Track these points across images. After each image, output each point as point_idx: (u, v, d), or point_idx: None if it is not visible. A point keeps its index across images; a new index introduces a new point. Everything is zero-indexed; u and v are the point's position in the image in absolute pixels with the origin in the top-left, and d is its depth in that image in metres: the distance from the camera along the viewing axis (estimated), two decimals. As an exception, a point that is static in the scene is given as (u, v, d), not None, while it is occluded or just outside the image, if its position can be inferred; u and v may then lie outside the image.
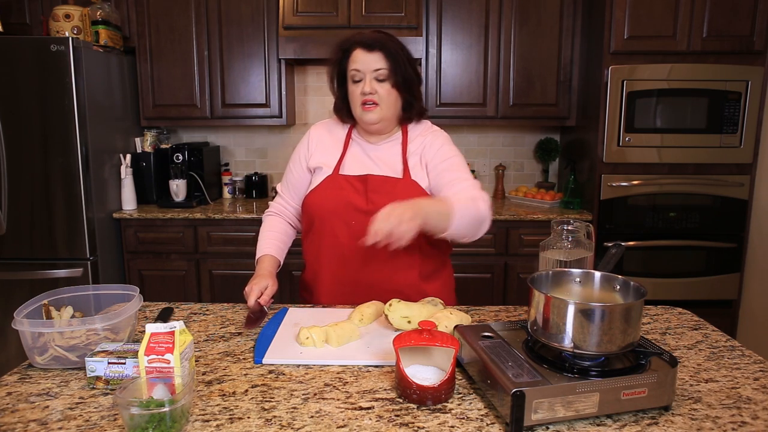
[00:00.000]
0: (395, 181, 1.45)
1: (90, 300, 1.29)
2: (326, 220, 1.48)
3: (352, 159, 1.52)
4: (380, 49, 1.42)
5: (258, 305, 1.39)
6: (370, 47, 1.42)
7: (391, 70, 1.42)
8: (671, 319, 1.39)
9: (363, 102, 1.43)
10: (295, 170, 1.60)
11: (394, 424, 0.91)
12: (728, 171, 2.83)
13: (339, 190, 1.47)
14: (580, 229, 1.32)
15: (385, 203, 1.40)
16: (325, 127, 1.60)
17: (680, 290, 2.89)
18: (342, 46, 1.47)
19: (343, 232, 1.46)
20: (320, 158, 1.54)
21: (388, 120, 1.48)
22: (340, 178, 1.48)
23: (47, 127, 2.61)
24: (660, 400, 0.93)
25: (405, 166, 1.47)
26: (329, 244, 1.49)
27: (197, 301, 3.01)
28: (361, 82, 1.43)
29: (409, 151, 1.50)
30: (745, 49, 2.72)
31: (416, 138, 1.51)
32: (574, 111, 3.10)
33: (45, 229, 2.69)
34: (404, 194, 1.42)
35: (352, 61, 1.44)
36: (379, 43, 1.42)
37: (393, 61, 1.42)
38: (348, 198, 1.45)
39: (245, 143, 3.55)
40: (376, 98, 1.43)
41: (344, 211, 1.46)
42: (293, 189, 1.62)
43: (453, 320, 1.23)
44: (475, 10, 3.01)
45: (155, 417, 0.84)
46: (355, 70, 1.43)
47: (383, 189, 1.44)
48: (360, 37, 1.44)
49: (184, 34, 3.07)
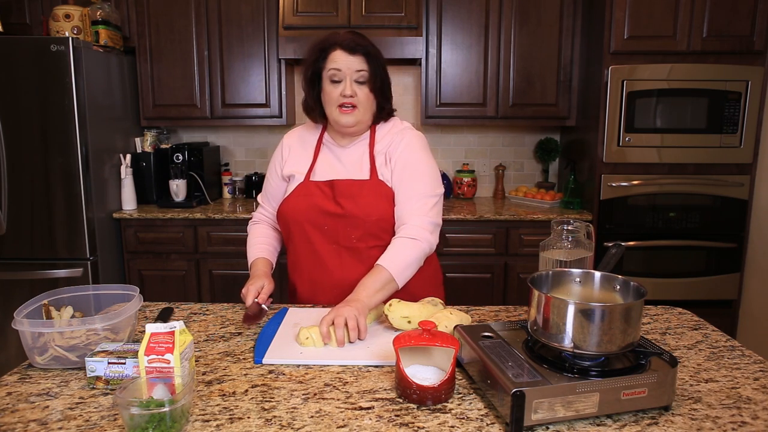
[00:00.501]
0: (362, 183, 1.46)
1: (90, 300, 1.29)
2: (300, 226, 1.49)
3: (322, 164, 1.52)
4: (362, 52, 1.42)
5: (257, 305, 1.39)
6: (352, 50, 1.41)
7: (372, 74, 1.43)
8: (671, 319, 1.39)
9: (341, 104, 1.43)
10: (272, 180, 1.61)
11: (394, 424, 0.91)
12: (728, 171, 2.83)
13: (310, 196, 1.48)
14: (580, 229, 1.32)
15: (352, 206, 1.44)
16: (297, 134, 1.61)
17: (680, 290, 2.89)
18: (320, 45, 1.45)
19: (317, 237, 1.48)
20: (293, 166, 1.55)
21: (364, 123, 1.48)
22: (311, 184, 1.49)
23: (47, 127, 2.61)
24: (660, 400, 0.93)
25: (372, 166, 1.48)
26: (305, 250, 1.50)
27: (197, 301, 3.01)
28: (341, 83, 1.42)
29: (376, 151, 1.50)
30: (745, 49, 2.72)
31: (383, 137, 1.52)
32: (574, 111, 3.10)
33: (45, 229, 2.69)
34: (371, 196, 1.45)
35: (331, 60, 1.42)
36: (361, 46, 1.42)
37: (374, 65, 1.43)
38: (318, 204, 1.46)
39: (245, 143, 3.55)
40: (354, 101, 1.43)
41: (315, 217, 1.47)
42: (272, 198, 1.63)
43: (453, 320, 1.23)
44: (475, 10, 3.01)
45: (155, 417, 0.84)
46: (336, 70, 1.42)
47: (350, 192, 1.45)
48: (340, 39, 1.43)
49: (184, 34, 3.07)
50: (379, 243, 1.46)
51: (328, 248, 1.48)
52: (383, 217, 1.45)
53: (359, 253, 1.47)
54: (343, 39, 1.43)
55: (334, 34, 1.45)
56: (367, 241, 1.46)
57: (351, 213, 1.44)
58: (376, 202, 1.44)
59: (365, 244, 1.46)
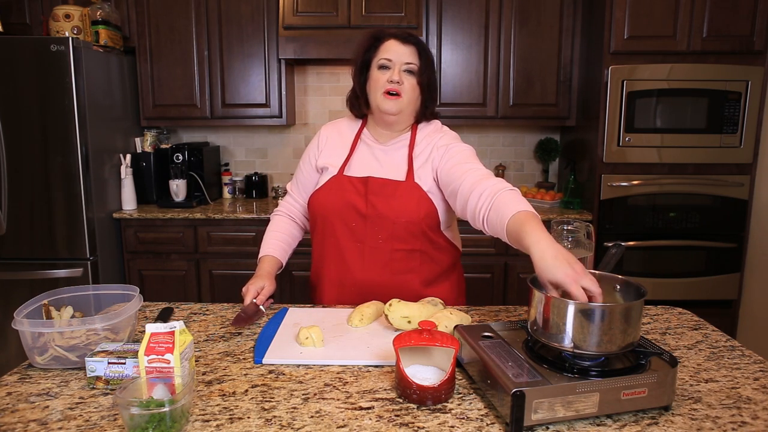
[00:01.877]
0: (396, 184, 1.44)
1: (90, 300, 1.29)
2: (328, 220, 1.48)
3: (358, 160, 1.51)
4: (415, 44, 1.43)
5: (254, 305, 1.39)
6: (406, 40, 1.43)
7: (421, 68, 1.43)
8: (671, 319, 1.39)
9: (387, 90, 1.42)
10: (304, 169, 1.60)
11: (394, 424, 0.91)
12: (728, 171, 2.83)
13: (341, 191, 1.46)
14: (580, 229, 1.32)
15: (383, 206, 1.41)
16: (336, 127, 1.60)
17: (680, 290, 2.89)
18: (374, 34, 1.47)
19: (344, 233, 1.46)
20: (328, 158, 1.53)
21: (406, 114, 1.47)
22: (344, 179, 1.47)
23: (47, 127, 2.61)
24: (660, 400, 0.93)
25: (410, 168, 1.46)
26: (331, 245, 1.49)
27: (197, 301, 3.01)
28: (389, 70, 1.43)
29: (415, 153, 1.48)
30: (745, 49, 2.72)
31: (423, 139, 1.50)
32: (574, 111, 3.10)
33: (45, 229, 2.69)
34: (404, 197, 1.42)
35: (383, 50, 1.44)
36: (415, 38, 1.45)
37: (424, 60, 1.44)
38: (349, 199, 1.45)
39: (245, 143, 3.55)
40: (400, 89, 1.42)
41: (345, 213, 1.45)
42: (302, 187, 1.62)
43: (453, 320, 1.23)
44: (475, 10, 3.01)
45: (155, 417, 0.84)
46: (386, 59, 1.42)
47: (383, 192, 1.43)
48: (395, 30, 1.46)
49: (184, 34, 3.07)
50: (404, 246, 1.44)
51: (353, 246, 1.46)
52: (412, 221, 1.42)
53: (382, 254, 1.45)
54: (396, 31, 1.46)
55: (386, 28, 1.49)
56: (393, 243, 1.44)
57: (381, 213, 1.42)
58: (408, 204, 1.42)
59: (390, 246, 1.44)
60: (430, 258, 1.49)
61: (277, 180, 3.56)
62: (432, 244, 1.48)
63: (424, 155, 1.47)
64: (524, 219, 1.11)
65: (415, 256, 1.46)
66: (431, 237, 1.47)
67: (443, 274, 1.53)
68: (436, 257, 1.50)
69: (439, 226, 1.48)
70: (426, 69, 1.44)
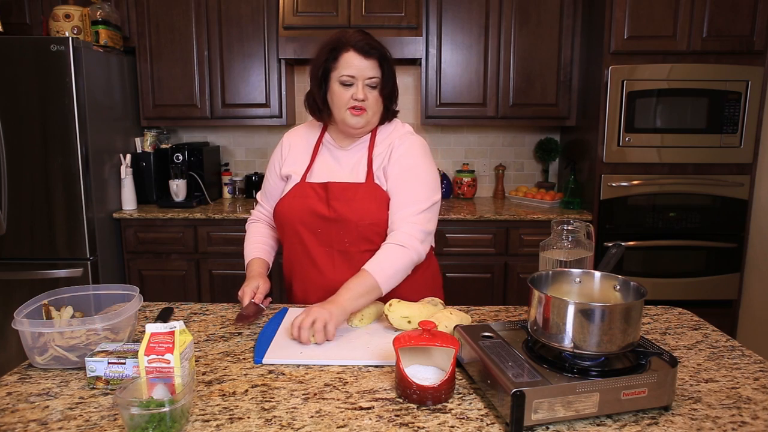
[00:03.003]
0: (356, 187, 1.45)
1: (90, 300, 1.29)
2: (294, 227, 1.49)
3: (320, 165, 1.52)
4: (376, 56, 1.40)
5: (254, 305, 1.39)
6: (367, 53, 1.39)
7: (383, 80, 1.42)
8: (671, 319, 1.39)
9: (352, 107, 1.42)
10: (270, 178, 1.60)
11: (394, 424, 0.91)
12: (728, 171, 2.83)
13: (304, 198, 1.47)
14: (580, 229, 1.32)
15: (345, 210, 1.42)
16: (297, 133, 1.60)
17: (680, 290, 2.89)
18: (331, 45, 1.42)
19: (311, 239, 1.47)
20: (291, 166, 1.54)
21: (372, 124, 1.48)
22: (306, 185, 1.48)
23: (47, 127, 2.61)
24: (660, 400, 0.93)
25: (369, 170, 1.47)
26: (299, 251, 1.50)
27: (197, 301, 3.01)
28: (352, 86, 1.41)
29: (375, 153, 1.49)
30: (745, 49, 2.72)
31: (383, 140, 1.51)
32: (574, 111, 3.10)
33: (45, 229, 2.69)
34: (364, 200, 1.43)
35: (344, 64, 1.40)
36: (376, 50, 1.40)
37: (386, 69, 1.42)
38: (311, 206, 1.46)
39: (245, 143, 3.55)
40: (365, 104, 1.42)
41: (309, 219, 1.46)
42: (269, 197, 1.62)
43: (453, 320, 1.23)
44: (475, 10, 3.01)
45: (155, 417, 0.84)
46: (348, 76, 1.40)
47: (344, 196, 1.44)
48: (353, 40, 1.39)
49: (184, 34, 3.07)
50: (371, 247, 1.45)
51: (321, 250, 1.47)
52: (376, 222, 1.43)
53: (351, 256, 1.46)
54: (356, 40, 1.39)
55: (344, 34, 1.42)
56: (360, 245, 1.45)
57: (344, 217, 1.43)
58: (369, 206, 1.43)
59: (357, 248, 1.45)
60: None
61: (277, 180, 3.55)
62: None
63: (382, 156, 1.48)
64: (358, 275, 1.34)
65: None
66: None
67: (417, 270, 1.50)
68: None
69: None
70: (388, 79, 1.42)
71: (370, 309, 1.34)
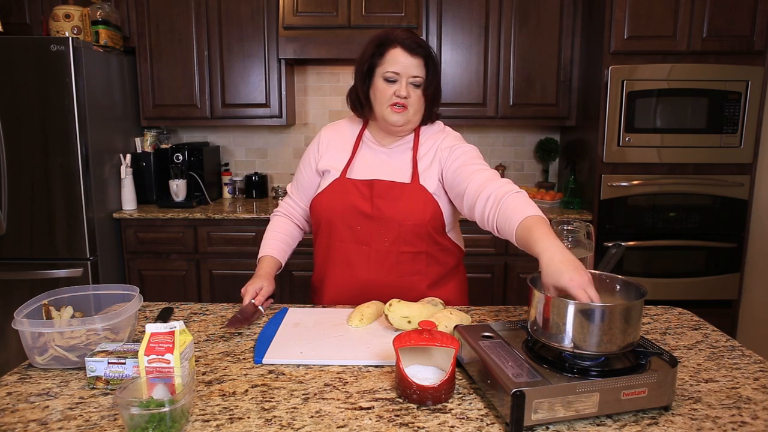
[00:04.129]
0: (402, 187, 1.43)
1: (90, 300, 1.29)
2: (332, 223, 1.47)
3: (361, 162, 1.50)
4: (423, 55, 1.38)
5: (252, 306, 1.39)
6: (413, 50, 1.37)
7: (428, 80, 1.40)
8: (671, 319, 1.39)
9: (394, 103, 1.40)
10: (304, 172, 1.58)
11: (394, 424, 0.91)
12: (728, 171, 2.83)
13: (345, 194, 1.45)
14: (580, 229, 1.32)
15: (389, 209, 1.41)
16: (336, 129, 1.58)
17: (680, 290, 2.89)
18: (378, 41, 1.41)
19: (348, 236, 1.46)
20: (329, 161, 1.52)
21: (413, 123, 1.46)
22: (347, 182, 1.46)
23: (47, 127, 2.61)
24: (660, 400, 0.93)
25: (414, 170, 1.45)
26: (335, 248, 1.48)
27: (197, 301, 3.01)
28: (396, 83, 1.39)
29: (420, 155, 1.47)
30: (745, 49, 2.72)
31: (427, 140, 1.49)
32: (574, 111, 3.10)
33: (45, 229, 2.69)
34: (410, 200, 1.42)
35: (390, 60, 1.38)
36: (423, 48, 1.39)
37: (432, 69, 1.40)
38: (353, 202, 1.44)
39: (245, 143, 3.55)
40: (407, 102, 1.40)
41: (349, 216, 1.45)
42: (302, 190, 1.60)
43: (453, 320, 1.23)
44: (475, 10, 3.01)
45: (155, 417, 0.84)
46: (393, 72, 1.38)
47: (389, 195, 1.43)
48: (402, 37, 1.38)
49: (184, 34, 3.07)
50: (411, 249, 1.44)
51: (358, 249, 1.45)
52: (419, 223, 1.42)
53: (389, 256, 1.44)
54: (404, 38, 1.38)
55: (392, 31, 1.41)
56: (400, 246, 1.43)
57: (388, 216, 1.41)
58: (415, 206, 1.42)
59: (397, 249, 1.44)
60: (435, 260, 1.48)
61: (277, 180, 3.56)
62: (437, 245, 1.48)
63: (428, 157, 1.47)
64: (532, 225, 1.13)
65: (421, 258, 1.45)
66: (437, 239, 1.47)
67: (448, 275, 1.53)
68: (441, 259, 1.50)
69: (444, 228, 1.48)
70: (432, 80, 1.41)
71: (370, 309, 1.34)
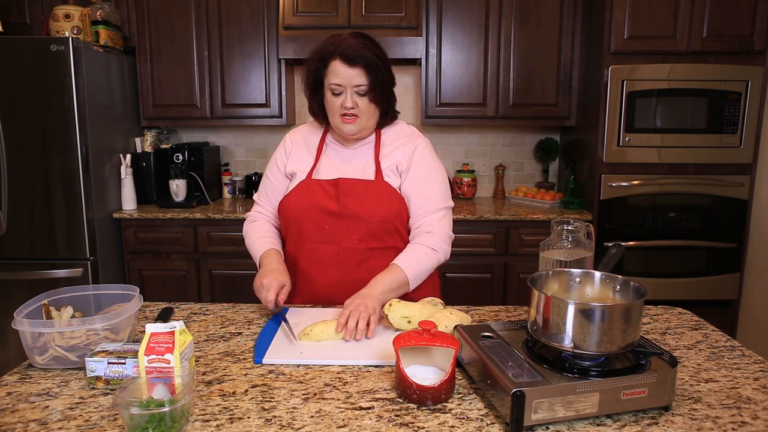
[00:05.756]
0: (366, 184, 1.46)
1: (90, 300, 1.29)
2: (300, 224, 1.49)
3: (326, 164, 1.52)
4: (362, 64, 1.38)
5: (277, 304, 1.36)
6: (352, 61, 1.37)
7: (372, 85, 1.40)
8: (671, 319, 1.39)
9: (343, 114, 1.42)
10: (273, 177, 1.59)
11: (394, 424, 0.91)
12: (728, 171, 2.83)
13: (311, 194, 1.47)
14: (580, 229, 1.32)
15: (356, 206, 1.43)
16: (300, 133, 1.60)
17: (680, 290, 2.89)
18: (320, 54, 1.42)
19: (317, 236, 1.47)
20: (295, 164, 1.54)
21: (367, 129, 1.48)
22: (313, 182, 1.49)
23: (47, 127, 2.61)
24: (660, 400, 0.93)
25: (377, 169, 1.48)
26: (304, 249, 1.50)
27: (197, 301, 3.01)
28: (341, 95, 1.41)
29: (382, 154, 1.50)
30: (745, 49, 2.72)
31: (391, 142, 1.52)
32: (574, 111, 3.10)
33: (45, 229, 2.69)
34: (375, 196, 1.44)
35: (331, 73, 1.40)
36: (361, 57, 1.37)
37: (373, 76, 1.39)
38: (320, 202, 1.46)
39: (245, 143, 3.55)
40: (356, 111, 1.42)
41: (317, 215, 1.46)
42: (271, 195, 1.60)
43: (453, 320, 1.24)
44: (475, 10, 3.01)
45: (155, 417, 0.84)
46: (336, 85, 1.40)
47: (354, 192, 1.45)
48: (341, 48, 1.38)
49: (184, 34, 3.07)
50: (379, 245, 1.46)
51: (327, 248, 1.47)
52: (386, 219, 1.45)
53: (358, 253, 1.46)
54: (343, 48, 1.37)
55: (335, 39, 1.41)
56: (368, 242, 1.46)
57: (354, 213, 1.43)
58: (380, 202, 1.44)
59: (366, 245, 1.46)
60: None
61: (277, 180, 3.55)
62: (405, 241, 1.50)
63: (391, 158, 1.49)
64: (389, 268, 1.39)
65: (390, 253, 1.47)
66: (404, 234, 1.50)
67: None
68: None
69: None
70: (377, 84, 1.40)
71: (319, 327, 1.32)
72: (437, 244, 1.44)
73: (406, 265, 1.39)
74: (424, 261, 1.42)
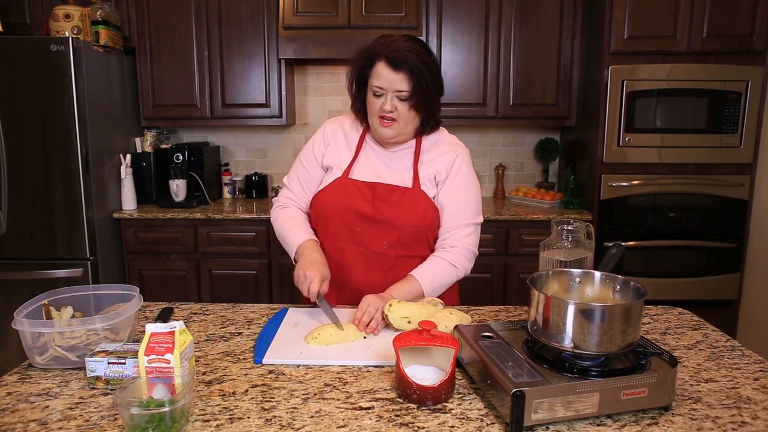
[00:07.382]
0: (403, 191, 1.44)
1: (90, 300, 1.29)
2: (331, 222, 1.47)
3: (363, 163, 1.49)
4: (406, 69, 1.35)
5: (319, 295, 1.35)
6: (396, 65, 1.34)
7: (414, 92, 1.37)
8: (671, 319, 1.39)
9: (381, 116, 1.40)
10: (308, 165, 1.55)
11: (394, 424, 0.91)
12: (728, 171, 2.83)
13: (347, 194, 1.45)
14: (580, 229, 1.32)
15: (391, 213, 1.41)
16: (340, 125, 1.56)
17: (680, 290, 2.89)
18: (367, 53, 1.40)
19: (347, 236, 1.46)
20: (333, 158, 1.51)
21: (405, 135, 1.45)
22: (349, 182, 1.46)
23: (47, 127, 2.61)
24: (660, 400, 0.93)
25: (415, 176, 1.45)
26: (332, 247, 1.48)
27: (197, 301, 3.01)
28: (382, 97, 1.39)
29: (421, 162, 1.47)
30: (745, 49, 2.72)
31: (431, 149, 1.49)
32: (574, 111, 3.10)
33: (45, 229, 2.69)
34: (411, 205, 1.42)
35: (375, 74, 1.38)
36: (406, 62, 1.34)
37: (417, 82, 1.36)
38: (355, 203, 1.44)
39: (245, 143, 3.55)
40: (395, 115, 1.39)
41: (350, 216, 1.44)
42: (305, 183, 1.56)
43: (453, 320, 1.23)
44: (475, 10, 3.01)
45: (155, 417, 0.84)
46: (378, 87, 1.38)
47: (391, 199, 1.43)
48: (387, 49, 1.35)
49: (184, 34, 3.07)
50: (409, 253, 1.45)
51: (355, 249, 1.45)
52: (419, 228, 1.43)
53: (386, 259, 1.45)
54: (391, 50, 1.35)
55: (384, 40, 1.38)
56: (398, 250, 1.44)
57: (388, 219, 1.42)
58: (415, 212, 1.42)
59: (395, 252, 1.44)
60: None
61: (277, 180, 3.56)
62: (433, 250, 1.49)
63: (429, 167, 1.47)
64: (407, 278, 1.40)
65: (417, 262, 1.45)
66: (433, 244, 1.49)
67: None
68: None
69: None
70: (420, 89, 1.37)
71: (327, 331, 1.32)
72: (459, 261, 1.43)
73: (423, 279, 1.39)
74: (441, 276, 1.42)
